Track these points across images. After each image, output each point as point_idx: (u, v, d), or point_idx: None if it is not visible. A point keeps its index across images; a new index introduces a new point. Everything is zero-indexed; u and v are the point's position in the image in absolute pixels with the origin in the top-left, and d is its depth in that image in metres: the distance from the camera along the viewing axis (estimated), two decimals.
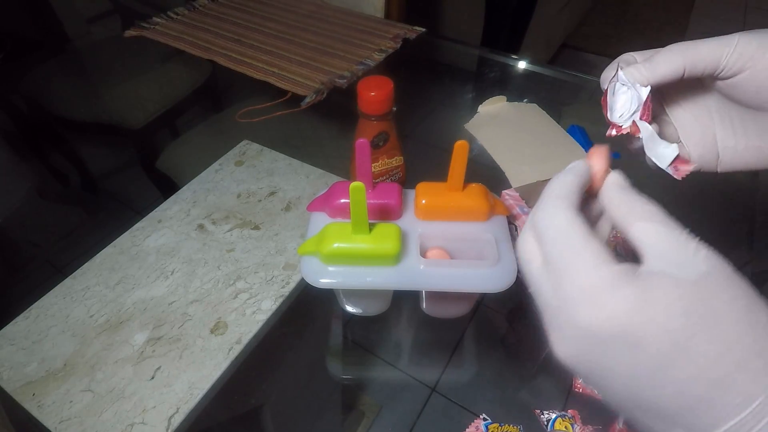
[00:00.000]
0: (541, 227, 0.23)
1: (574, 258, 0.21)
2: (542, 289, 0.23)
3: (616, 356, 0.20)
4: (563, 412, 0.41)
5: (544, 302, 0.22)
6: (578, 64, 2.11)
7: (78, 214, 0.75)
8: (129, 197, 0.77)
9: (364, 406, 0.46)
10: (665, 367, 0.19)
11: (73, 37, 1.18)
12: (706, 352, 0.18)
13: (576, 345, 0.21)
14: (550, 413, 0.41)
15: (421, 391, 0.46)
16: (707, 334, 0.19)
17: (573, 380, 0.44)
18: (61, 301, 0.48)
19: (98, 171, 0.87)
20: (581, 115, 0.81)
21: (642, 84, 0.29)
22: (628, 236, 0.22)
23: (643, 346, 0.19)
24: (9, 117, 1.01)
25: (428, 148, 0.74)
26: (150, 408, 0.41)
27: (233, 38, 0.82)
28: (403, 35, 0.84)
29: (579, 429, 0.40)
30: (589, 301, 0.20)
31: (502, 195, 0.49)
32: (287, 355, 0.47)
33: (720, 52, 0.27)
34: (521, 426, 0.41)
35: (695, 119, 0.32)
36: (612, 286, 0.20)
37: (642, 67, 0.29)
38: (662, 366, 0.19)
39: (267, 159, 0.64)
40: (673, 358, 0.19)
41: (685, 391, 0.19)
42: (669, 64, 0.28)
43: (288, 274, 0.50)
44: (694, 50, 0.27)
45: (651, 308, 0.19)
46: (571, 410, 0.41)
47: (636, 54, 0.31)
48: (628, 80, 0.29)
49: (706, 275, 0.19)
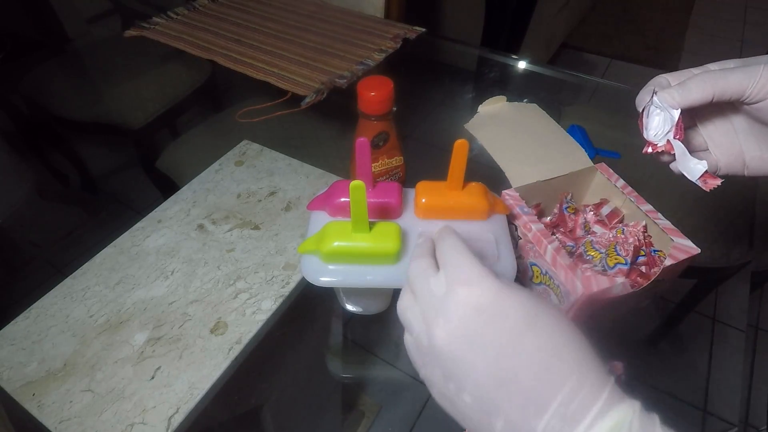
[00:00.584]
0: (410, 275, 0.29)
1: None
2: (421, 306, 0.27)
3: (487, 324, 0.24)
4: None
5: (423, 310, 0.27)
6: (578, 64, 2.11)
7: (78, 214, 0.75)
8: (129, 197, 0.77)
9: (364, 406, 0.46)
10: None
11: (73, 37, 1.18)
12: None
13: (456, 323, 0.24)
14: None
15: (421, 391, 0.46)
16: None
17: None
18: (61, 301, 0.48)
19: (98, 171, 0.87)
20: (581, 115, 0.81)
21: (674, 107, 0.32)
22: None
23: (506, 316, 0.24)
24: (9, 117, 1.01)
25: (428, 148, 0.74)
26: (150, 408, 0.41)
27: (233, 38, 0.82)
28: (403, 35, 0.84)
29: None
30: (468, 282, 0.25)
31: (502, 195, 0.49)
32: (287, 355, 0.47)
33: (746, 83, 0.29)
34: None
35: (724, 133, 0.35)
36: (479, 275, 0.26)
37: (675, 92, 0.32)
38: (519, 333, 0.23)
39: (267, 159, 0.64)
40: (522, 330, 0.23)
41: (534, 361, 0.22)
42: (700, 92, 0.31)
43: (288, 274, 0.50)
44: (723, 80, 0.30)
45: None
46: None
47: (669, 76, 0.34)
48: (662, 104, 0.32)
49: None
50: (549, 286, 0.46)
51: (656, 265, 0.43)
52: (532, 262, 0.47)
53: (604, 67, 2.10)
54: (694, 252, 0.40)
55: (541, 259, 0.46)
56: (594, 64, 2.11)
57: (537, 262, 0.47)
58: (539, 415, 0.21)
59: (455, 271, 0.26)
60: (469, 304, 0.24)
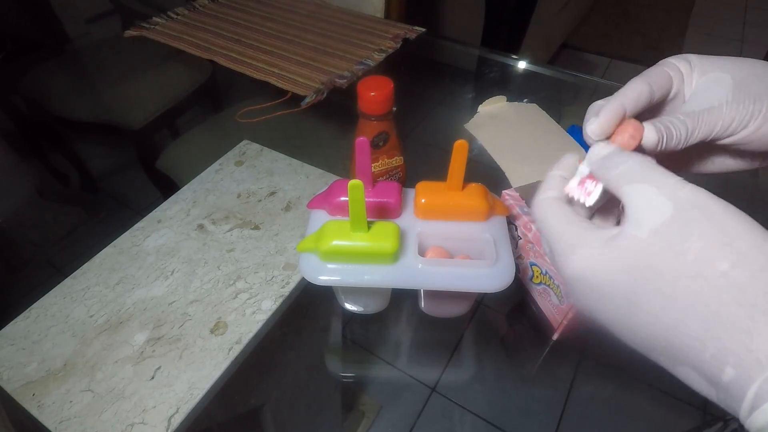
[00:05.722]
0: (533, 212, 0.27)
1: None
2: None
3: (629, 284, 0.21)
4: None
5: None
6: (578, 64, 2.11)
7: (78, 214, 0.74)
8: (129, 197, 0.77)
9: (364, 406, 0.46)
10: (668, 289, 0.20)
11: (72, 37, 1.18)
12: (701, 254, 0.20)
13: (596, 261, 0.22)
14: None
15: (421, 391, 0.46)
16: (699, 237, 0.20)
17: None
18: (61, 301, 0.48)
19: (98, 171, 0.86)
20: (581, 115, 0.81)
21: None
22: (622, 201, 0.23)
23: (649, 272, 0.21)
24: (9, 117, 1.01)
25: (428, 148, 0.74)
26: (150, 408, 0.41)
27: (233, 38, 0.82)
28: (403, 35, 0.84)
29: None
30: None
31: (502, 195, 0.49)
32: (287, 355, 0.47)
33: (712, 127, 0.26)
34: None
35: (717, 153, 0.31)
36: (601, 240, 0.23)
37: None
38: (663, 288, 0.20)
39: (267, 159, 0.64)
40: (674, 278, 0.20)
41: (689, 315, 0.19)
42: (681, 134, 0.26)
43: (288, 274, 0.50)
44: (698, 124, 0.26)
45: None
46: None
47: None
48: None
49: (684, 203, 0.21)
50: (549, 285, 0.46)
51: None
52: (532, 262, 0.47)
53: (604, 67, 2.10)
54: None
55: (541, 259, 0.46)
56: (594, 64, 2.11)
57: (537, 262, 0.47)
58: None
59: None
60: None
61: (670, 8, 2.43)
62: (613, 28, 2.30)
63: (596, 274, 0.22)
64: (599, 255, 0.22)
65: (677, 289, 0.20)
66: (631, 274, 0.21)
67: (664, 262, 0.20)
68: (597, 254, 0.22)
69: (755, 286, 0.19)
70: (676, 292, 0.20)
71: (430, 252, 0.41)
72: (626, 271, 0.21)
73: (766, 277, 0.19)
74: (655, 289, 0.20)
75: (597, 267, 0.22)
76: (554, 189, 0.27)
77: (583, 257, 0.23)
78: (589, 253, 0.22)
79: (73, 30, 1.18)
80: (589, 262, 0.22)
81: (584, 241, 0.23)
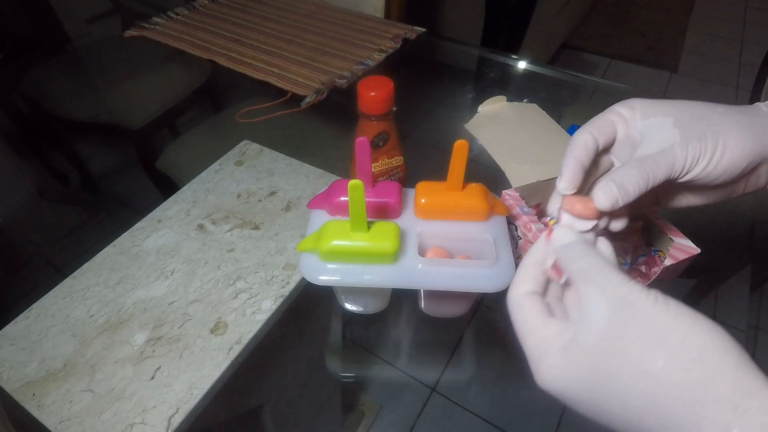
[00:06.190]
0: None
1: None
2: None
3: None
4: None
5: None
6: (578, 64, 2.11)
7: (78, 214, 0.74)
8: (129, 197, 0.77)
9: (364, 406, 0.46)
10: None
11: (72, 37, 1.18)
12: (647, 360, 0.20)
13: (573, 366, 0.23)
14: None
15: (421, 391, 0.46)
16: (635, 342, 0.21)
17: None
18: (61, 301, 0.48)
19: (98, 171, 0.86)
20: (581, 115, 0.81)
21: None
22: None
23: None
24: (9, 117, 1.01)
25: (428, 148, 0.74)
26: (150, 408, 0.41)
27: (233, 38, 0.82)
28: (403, 35, 0.84)
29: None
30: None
31: (502, 195, 0.49)
32: (287, 355, 0.47)
33: (671, 167, 0.27)
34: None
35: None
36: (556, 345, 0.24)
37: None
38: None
39: (267, 159, 0.64)
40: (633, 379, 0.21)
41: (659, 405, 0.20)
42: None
43: (288, 274, 0.50)
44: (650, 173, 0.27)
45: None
46: None
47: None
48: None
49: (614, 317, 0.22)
50: None
51: (656, 265, 0.43)
52: None
53: (604, 67, 2.10)
54: (694, 252, 0.40)
55: None
56: (594, 64, 2.11)
57: None
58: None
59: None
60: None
61: (670, 8, 2.43)
62: (613, 28, 2.30)
63: (561, 384, 0.23)
64: (561, 366, 0.23)
65: (629, 391, 0.21)
66: (590, 381, 0.22)
67: (613, 365, 0.21)
68: (560, 366, 0.23)
69: (689, 379, 0.19)
70: (629, 394, 0.21)
71: (430, 252, 0.41)
72: (586, 380, 0.22)
73: (698, 369, 0.19)
74: (613, 391, 0.21)
75: (561, 378, 0.23)
76: (527, 282, 0.28)
77: (549, 368, 0.24)
78: (554, 364, 0.24)
79: (73, 30, 1.18)
80: (553, 373, 0.24)
81: (548, 350, 0.24)
